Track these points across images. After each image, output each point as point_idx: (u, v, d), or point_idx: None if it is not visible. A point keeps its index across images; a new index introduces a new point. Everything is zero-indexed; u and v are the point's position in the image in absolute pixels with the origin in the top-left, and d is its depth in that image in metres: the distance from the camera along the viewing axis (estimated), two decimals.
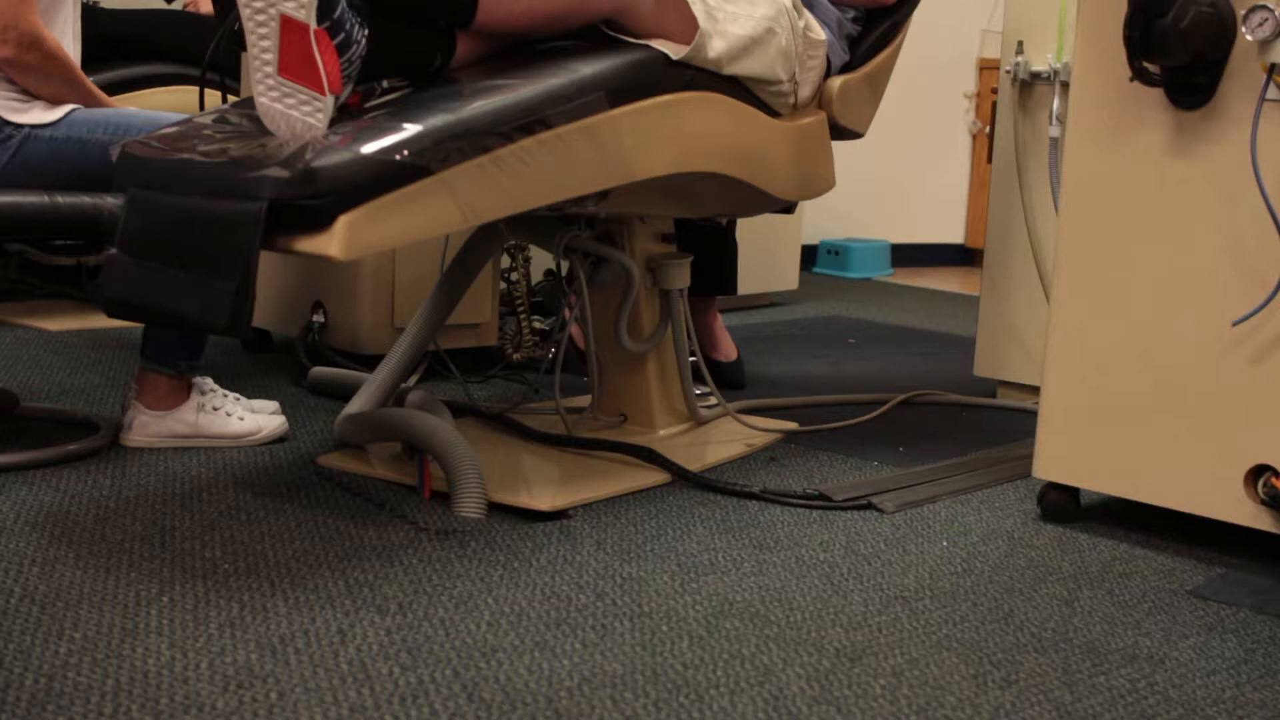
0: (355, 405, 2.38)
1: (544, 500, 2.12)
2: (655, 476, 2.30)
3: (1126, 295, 2.09)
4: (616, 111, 2.06)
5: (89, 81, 2.21)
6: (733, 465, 2.45)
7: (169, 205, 1.86)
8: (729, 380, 3.13)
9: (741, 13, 2.29)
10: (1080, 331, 2.15)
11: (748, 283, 4.00)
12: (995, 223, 3.13)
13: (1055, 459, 2.19)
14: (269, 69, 1.89)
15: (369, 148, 1.79)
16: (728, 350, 3.18)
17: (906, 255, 5.92)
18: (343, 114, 1.93)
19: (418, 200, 1.83)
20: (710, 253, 3.06)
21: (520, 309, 3.23)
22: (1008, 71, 3.07)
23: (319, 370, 2.87)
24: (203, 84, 2.39)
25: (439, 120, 1.87)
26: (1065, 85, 2.97)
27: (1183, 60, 1.94)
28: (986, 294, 3.16)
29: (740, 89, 2.31)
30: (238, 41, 2.53)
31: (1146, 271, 2.07)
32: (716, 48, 2.21)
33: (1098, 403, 2.13)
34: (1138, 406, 2.09)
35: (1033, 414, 3.01)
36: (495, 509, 2.10)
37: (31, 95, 2.14)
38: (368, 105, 1.97)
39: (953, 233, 6.20)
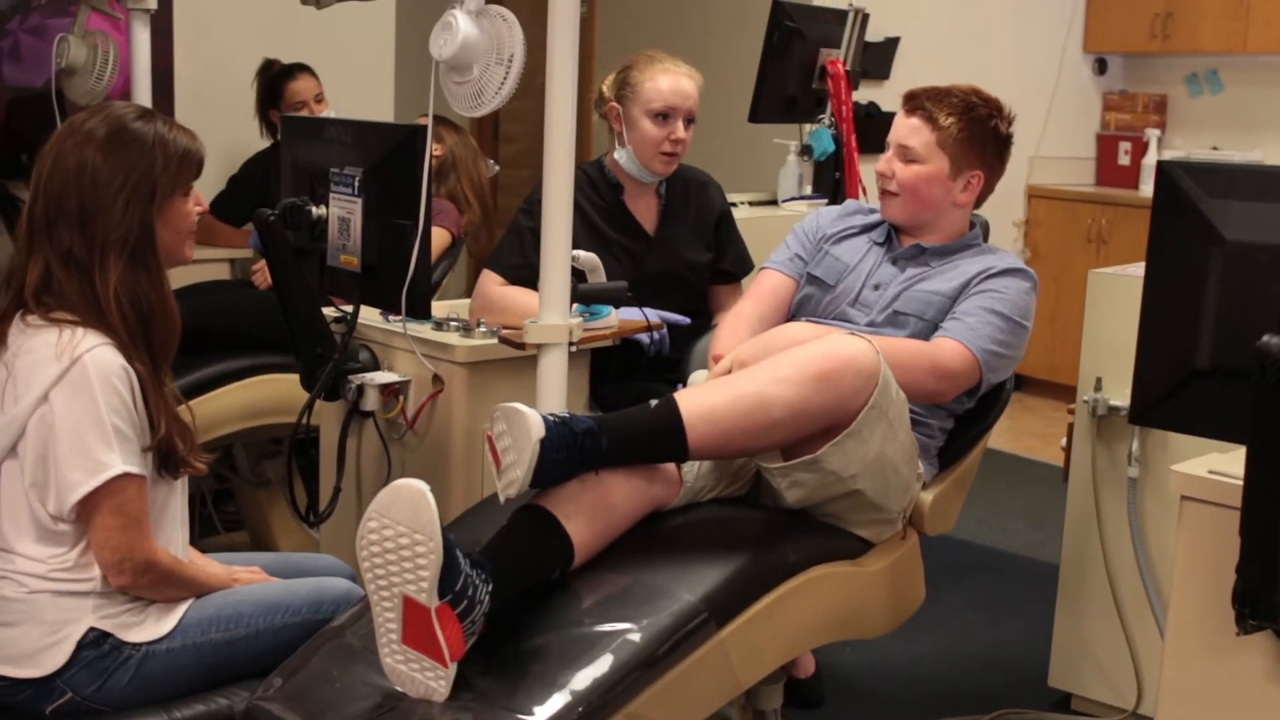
0: None
1: None
2: None
3: None
4: (724, 632, 2.09)
5: (199, 572, 2.25)
6: None
7: None
8: (808, 698, 3.17)
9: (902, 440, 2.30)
10: None
11: None
12: (1071, 546, 3.16)
13: None
14: (393, 636, 1.94)
15: None
16: (805, 665, 3.21)
17: None
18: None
19: None
20: None
21: None
22: (1085, 401, 3.07)
23: None
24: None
25: (555, 705, 1.90)
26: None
27: None
28: (1061, 612, 3.20)
29: (840, 535, 2.32)
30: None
31: None
32: (846, 466, 2.22)
33: None
34: None
35: None
36: None
37: (145, 599, 2.18)
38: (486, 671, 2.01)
39: None
